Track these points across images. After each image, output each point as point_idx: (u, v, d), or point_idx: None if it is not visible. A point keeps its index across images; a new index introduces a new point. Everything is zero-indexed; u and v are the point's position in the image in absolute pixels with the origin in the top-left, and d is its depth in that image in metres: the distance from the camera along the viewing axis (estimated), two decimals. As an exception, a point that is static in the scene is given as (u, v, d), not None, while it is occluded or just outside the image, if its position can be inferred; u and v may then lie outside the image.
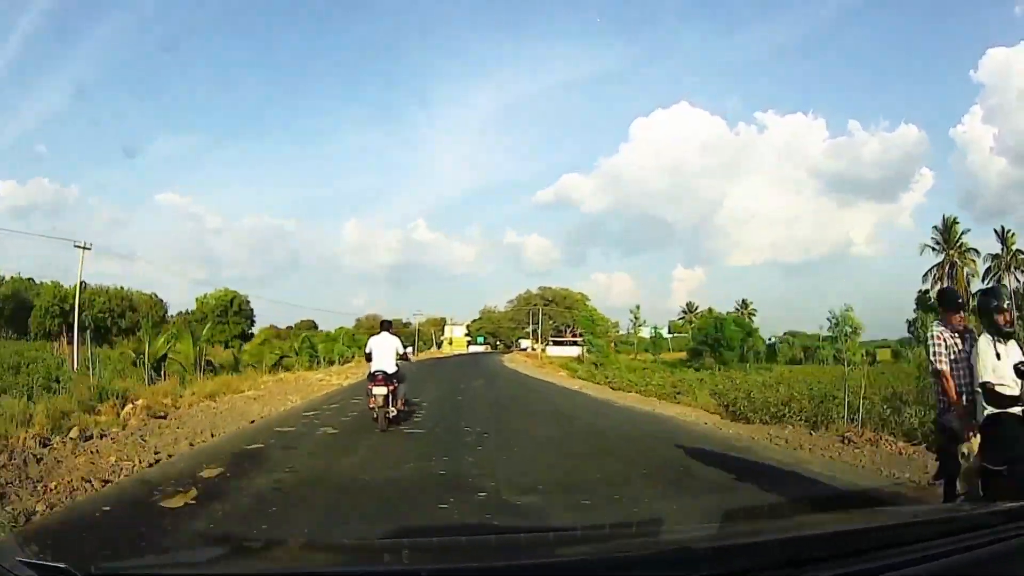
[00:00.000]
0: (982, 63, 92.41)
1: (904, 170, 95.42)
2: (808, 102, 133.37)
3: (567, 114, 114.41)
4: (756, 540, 1.69)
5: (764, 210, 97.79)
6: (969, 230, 50.56)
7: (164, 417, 10.19)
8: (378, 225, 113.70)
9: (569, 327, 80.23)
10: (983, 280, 46.52)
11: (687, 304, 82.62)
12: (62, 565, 1.27)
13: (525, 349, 75.64)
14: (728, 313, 67.05)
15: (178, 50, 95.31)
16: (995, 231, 49.71)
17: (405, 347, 10.20)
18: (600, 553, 1.67)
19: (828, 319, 40.78)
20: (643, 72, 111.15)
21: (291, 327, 64.54)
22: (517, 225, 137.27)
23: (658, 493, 5.73)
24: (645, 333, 77.66)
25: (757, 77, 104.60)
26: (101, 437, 7.87)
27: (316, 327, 60.60)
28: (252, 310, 58.93)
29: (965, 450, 4.27)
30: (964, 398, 4.42)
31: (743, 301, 76.30)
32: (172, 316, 50.97)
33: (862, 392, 10.35)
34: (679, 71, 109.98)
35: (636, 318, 70.38)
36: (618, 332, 79.13)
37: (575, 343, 72.35)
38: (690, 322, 76.01)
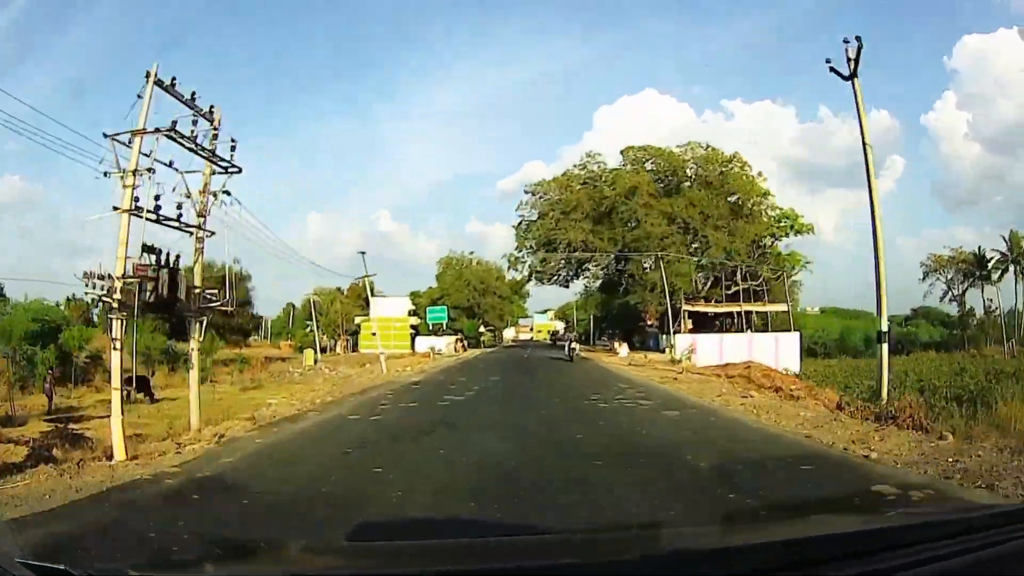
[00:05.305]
0: (956, 50, 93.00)
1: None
2: (776, 89, 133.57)
3: (532, 105, 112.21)
4: (757, 542, 1.70)
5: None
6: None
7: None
8: (340, 218, 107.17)
9: (732, 268, 33.70)
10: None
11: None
12: (62, 566, 1.28)
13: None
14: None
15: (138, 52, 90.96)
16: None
17: None
18: (601, 556, 1.68)
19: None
20: (609, 62, 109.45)
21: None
22: (481, 215, 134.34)
23: None
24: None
25: (726, 65, 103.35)
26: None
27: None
28: None
29: None
30: None
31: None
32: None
33: None
34: (646, 60, 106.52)
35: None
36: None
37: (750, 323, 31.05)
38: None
